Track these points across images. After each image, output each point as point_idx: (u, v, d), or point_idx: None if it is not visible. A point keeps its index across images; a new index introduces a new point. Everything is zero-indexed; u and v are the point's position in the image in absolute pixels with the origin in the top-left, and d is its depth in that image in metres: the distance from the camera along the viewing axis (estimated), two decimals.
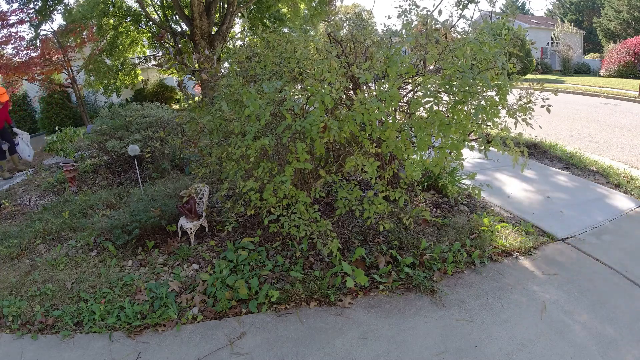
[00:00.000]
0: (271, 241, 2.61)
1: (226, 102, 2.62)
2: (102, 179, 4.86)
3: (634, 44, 16.98)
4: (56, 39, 11.26)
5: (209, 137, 3.03)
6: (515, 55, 2.53)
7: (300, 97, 2.63)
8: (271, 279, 2.24)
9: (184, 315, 2.04)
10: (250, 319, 1.99)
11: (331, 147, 2.61)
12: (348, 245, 2.52)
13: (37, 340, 1.98)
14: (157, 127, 4.69)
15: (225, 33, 11.09)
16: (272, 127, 2.56)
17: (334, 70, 2.21)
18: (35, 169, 6.07)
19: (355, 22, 3.31)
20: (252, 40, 3.15)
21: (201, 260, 2.53)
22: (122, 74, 14.41)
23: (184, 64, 3.04)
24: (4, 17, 9.82)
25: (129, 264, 2.59)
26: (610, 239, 2.63)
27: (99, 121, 5.20)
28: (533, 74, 16.26)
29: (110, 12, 12.44)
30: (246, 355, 1.76)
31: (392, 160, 2.68)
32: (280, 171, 2.46)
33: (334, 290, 2.11)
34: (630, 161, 4.45)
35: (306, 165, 2.05)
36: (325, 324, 1.91)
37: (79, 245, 2.91)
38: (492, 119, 2.20)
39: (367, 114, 2.00)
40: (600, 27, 24.68)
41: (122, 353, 1.84)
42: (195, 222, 2.75)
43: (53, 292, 2.33)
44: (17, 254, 2.85)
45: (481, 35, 2.29)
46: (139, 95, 17.32)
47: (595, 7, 27.78)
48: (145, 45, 15.69)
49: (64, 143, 6.47)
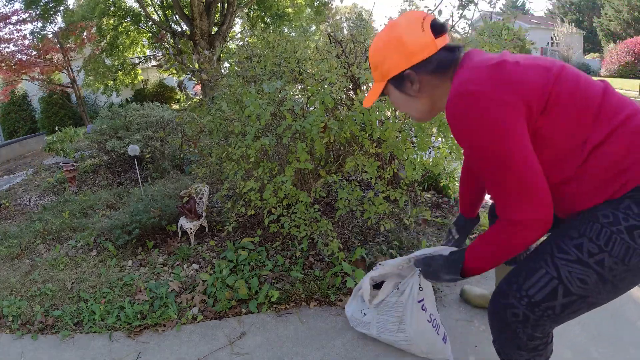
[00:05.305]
0: (271, 241, 2.61)
1: (226, 102, 2.63)
2: (102, 179, 4.86)
3: (634, 44, 17.00)
4: (56, 39, 11.28)
5: (209, 137, 3.04)
6: None
7: (301, 97, 2.63)
8: (271, 279, 2.24)
9: (184, 315, 2.05)
10: (250, 319, 1.99)
11: (331, 147, 2.62)
12: (348, 245, 2.52)
13: (37, 340, 1.98)
14: (157, 127, 4.69)
15: (225, 33, 11.09)
16: (272, 127, 2.56)
17: (334, 70, 2.21)
18: (35, 169, 6.07)
19: (355, 22, 3.31)
20: (252, 40, 3.16)
21: (201, 260, 2.53)
22: (121, 74, 14.42)
23: (184, 64, 3.05)
24: (5, 17, 9.83)
25: (129, 264, 2.59)
26: None
27: (99, 121, 5.20)
28: None
29: (110, 12, 12.45)
30: (246, 355, 1.76)
31: (392, 160, 2.68)
32: (280, 171, 2.46)
33: (334, 290, 2.11)
34: None
35: (307, 165, 2.05)
36: (325, 324, 1.91)
37: (79, 245, 2.92)
38: None
39: (367, 114, 2.00)
40: (600, 27, 24.69)
41: (122, 353, 1.84)
42: (195, 222, 2.75)
43: (53, 292, 2.33)
44: (17, 254, 2.85)
45: (481, 36, 2.29)
46: (139, 95, 17.33)
47: (595, 7, 27.79)
48: (145, 45, 15.70)
49: (64, 143, 6.47)
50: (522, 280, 1.04)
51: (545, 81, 0.92)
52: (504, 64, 0.95)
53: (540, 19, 27.11)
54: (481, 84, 0.93)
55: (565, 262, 0.97)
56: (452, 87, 0.99)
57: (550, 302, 1.00)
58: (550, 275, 0.99)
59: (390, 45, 1.07)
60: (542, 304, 1.01)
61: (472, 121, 0.93)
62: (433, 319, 1.58)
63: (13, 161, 8.01)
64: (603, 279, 0.94)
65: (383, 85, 1.13)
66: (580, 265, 0.95)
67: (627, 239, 0.90)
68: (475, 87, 0.92)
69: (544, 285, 1.00)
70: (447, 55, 1.05)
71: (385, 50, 1.08)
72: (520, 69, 0.94)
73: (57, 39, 11.18)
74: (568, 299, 0.98)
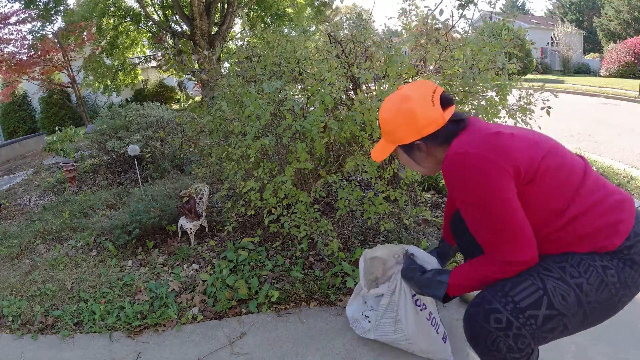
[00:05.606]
0: (271, 241, 2.61)
1: (226, 102, 2.63)
2: (102, 179, 4.86)
3: (634, 44, 16.98)
4: (56, 39, 11.27)
5: (209, 137, 3.03)
6: (515, 56, 2.54)
7: (301, 97, 2.63)
8: (271, 278, 2.24)
9: (184, 315, 2.05)
10: (250, 319, 1.99)
11: (331, 147, 2.62)
12: (348, 245, 2.52)
13: (37, 340, 1.98)
14: (157, 127, 4.69)
15: (225, 33, 11.08)
16: (272, 127, 2.56)
17: (334, 70, 2.21)
18: (35, 169, 6.07)
19: (355, 22, 3.31)
20: (252, 40, 3.16)
21: (201, 260, 2.53)
22: (122, 74, 14.39)
23: (184, 65, 3.05)
24: (5, 17, 9.83)
25: (129, 264, 2.59)
26: None
27: (99, 121, 5.20)
28: (533, 74, 16.28)
29: (110, 12, 12.44)
30: (246, 355, 1.76)
31: (392, 160, 2.68)
32: (280, 171, 2.46)
33: (334, 290, 2.11)
34: (630, 161, 4.44)
35: (307, 165, 2.05)
36: (325, 324, 1.91)
37: (79, 245, 2.92)
38: (492, 119, 2.21)
39: (367, 114, 2.00)
40: (600, 27, 24.68)
41: (122, 353, 1.84)
42: (195, 222, 2.75)
43: (53, 292, 2.33)
44: (17, 254, 2.85)
45: (481, 36, 2.29)
46: (139, 95, 17.31)
47: (595, 7, 27.79)
48: (145, 45, 15.68)
49: (64, 143, 6.47)
50: (508, 289, 1.10)
51: (535, 154, 1.05)
52: (500, 134, 1.09)
53: (540, 19, 27.09)
54: (478, 147, 1.07)
55: (550, 277, 1.06)
56: (452, 147, 1.13)
57: (534, 311, 1.05)
58: (536, 286, 1.06)
59: (403, 118, 1.18)
60: (527, 310, 1.06)
61: (467, 177, 1.06)
62: (432, 317, 1.58)
63: (13, 161, 8.00)
64: (580, 301, 1.03)
65: (394, 148, 1.27)
66: (562, 282, 1.04)
67: (602, 272, 1.02)
68: (473, 149, 1.06)
69: (530, 293, 1.06)
70: (453, 126, 1.17)
71: (397, 121, 1.20)
72: (514, 140, 1.08)
73: (57, 39, 11.18)
74: (550, 312, 1.04)
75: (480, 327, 1.12)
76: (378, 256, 1.67)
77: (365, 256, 1.69)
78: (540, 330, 1.06)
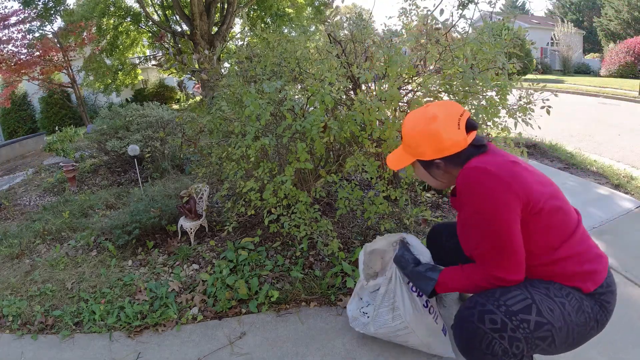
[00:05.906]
0: (271, 241, 2.61)
1: (226, 102, 2.62)
2: (102, 179, 4.86)
3: (634, 44, 16.96)
4: (56, 39, 11.27)
5: (209, 137, 3.03)
6: (515, 55, 2.53)
7: (301, 97, 2.62)
8: (271, 279, 2.24)
9: (184, 315, 2.05)
10: (250, 319, 1.99)
11: (331, 147, 2.61)
12: (348, 245, 2.52)
13: (37, 340, 1.98)
14: (157, 127, 4.69)
15: (225, 33, 11.07)
16: (272, 127, 2.56)
17: (334, 70, 2.21)
18: (35, 169, 6.07)
19: (355, 22, 3.31)
20: (252, 40, 3.16)
21: (201, 260, 2.53)
22: (122, 74, 14.38)
23: (184, 64, 3.05)
24: (5, 17, 9.82)
25: (129, 264, 2.59)
26: (610, 239, 2.63)
27: (99, 121, 5.20)
28: (533, 74, 16.26)
29: (110, 12, 12.42)
30: (246, 355, 1.76)
31: None
32: (280, 171, 2.45)
33: (334, 290, 2.11)
34: (630, 161, 4.44)
35: (307, 165, 2.05)
36: (325, 324, 1.91)
37: (79, 245, 2.91)
38: (492, 119, 2.21)
39: (367, 114, 2.00)
40: (600, 27, 24.67)
41: (122, 353, 1.84)
42: (195, 222, 2.75)
43: (53, 292, 2.33)
44: (17, 254, 2.85)
45: (481, 35, 2.29)
46: (139, 95, 17.30)
47: (595, 7, 27.78)
48: (145, 45, 15.66)
49: (64, 143, 6.46)
50: (499, 295, 1.16)
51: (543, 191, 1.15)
52: (517, 164, 1.19)
53: (540, 19, 27.08)
54: (497, 168, 1.15)
55: (537, 291, 1.15)
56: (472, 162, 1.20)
57: (525, 315, 1.11)
58: (525, 295, 1.14)
59: (427, 136, 1.23)
60: (519, 314, 1.11)
61: (484, 186, 1.13)
62: (430, 306, 1.58)
63: (13, 161, 8.00)
64: (564, 317, 1.11)
65: (412, 160, 1.31)
66: (548, 298, 1.13)
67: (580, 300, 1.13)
68: (492, 168, 1.14)
69: (520, 300, 1.13)
70: (473, 151, 1.23)
71: (421, 138, 1.25)
72: (529, 173, 1.17)
73: (57, 39, 11.17)
74: (540, 319, 1.10)
75: (475, 328, 1.13)
76: (377, 249, 1.69)
77: (365, 249, 1.72)
78: (532, 336, 1.10)
